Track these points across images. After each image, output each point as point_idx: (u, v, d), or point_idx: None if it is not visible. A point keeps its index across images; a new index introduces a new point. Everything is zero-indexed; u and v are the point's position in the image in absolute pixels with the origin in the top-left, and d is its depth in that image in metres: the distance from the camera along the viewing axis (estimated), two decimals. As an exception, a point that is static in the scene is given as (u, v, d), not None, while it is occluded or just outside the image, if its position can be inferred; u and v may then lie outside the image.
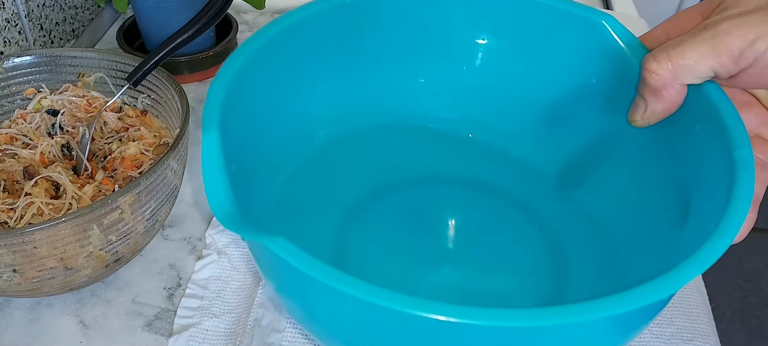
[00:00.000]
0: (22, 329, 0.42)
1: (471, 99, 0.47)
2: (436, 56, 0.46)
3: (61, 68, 0.50)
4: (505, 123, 0.47)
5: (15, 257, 0.36)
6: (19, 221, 0.40)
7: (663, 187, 0.37)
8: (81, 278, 0.40)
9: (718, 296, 1.40)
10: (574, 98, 0.43)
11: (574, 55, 0.42)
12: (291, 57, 0.42)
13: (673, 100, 0.33)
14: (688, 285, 0.45)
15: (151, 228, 0.43)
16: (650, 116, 0.35)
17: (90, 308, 0.43)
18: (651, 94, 0.34)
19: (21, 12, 0.58)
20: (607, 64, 0.40)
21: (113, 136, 0.48)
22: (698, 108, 0.34)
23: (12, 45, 0.57)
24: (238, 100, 0.37)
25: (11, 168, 0.44)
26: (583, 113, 0.43)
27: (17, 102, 0.50)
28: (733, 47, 0.30)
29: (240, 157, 0.36)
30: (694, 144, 0.35)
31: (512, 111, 0.46)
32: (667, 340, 0.41)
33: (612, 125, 0.41)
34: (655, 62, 0.32)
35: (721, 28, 0.30)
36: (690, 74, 0.32)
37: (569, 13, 0.41)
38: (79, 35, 0.68)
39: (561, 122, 0.45)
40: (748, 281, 1.43)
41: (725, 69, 0.31)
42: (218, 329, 0.41)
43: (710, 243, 0.27)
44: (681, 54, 0.31)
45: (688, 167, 0.35)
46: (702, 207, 0.32)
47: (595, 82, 0.41)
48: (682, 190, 0.35)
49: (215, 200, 0.31)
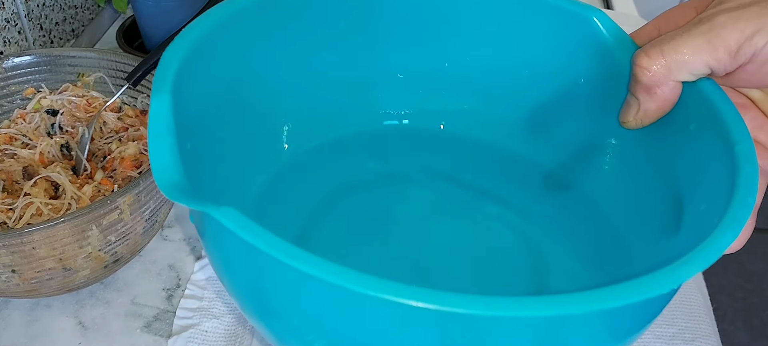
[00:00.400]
0: (21, 330, 0.42)
1: (452, 94, 0.45)
2: (415, 48, 0.43)
3: (60, 68, 0.50)
4: (489, 122, 0.45)
5: (14, 258, 0.36)
6: (18, 222, 0.40)
7: (655, 189, 0.36)
8: (80, 279, 0.40)
9: (719, 297, 1.39)
10: (560, 96, 0.42)
11: (561, 52, 0.40)
12: (262, 34, 0.39)
13: (667, 99, 0.32)
14: (690, 285, 0.45)
15: (151, 229, 0.43)
16: (643, 116, 0.33)
17: (89, 309, 0.43)
18: (643, 93, 0.32)
19: (21, 12, 0.58)
20: (597, 61, 0.38)
21: (113, 136, 0.48)
22: (693, 106, 0.32)
23: (12, 45, 0.57)
24: (197, 69, 0.34)
25: (10, 168, 0.44)
26: (571, 112, 0.41)
27: (17, 102, 0.50)
28: (730, 41, 0.28)
29: (197, 134, 0.33)
30: (688, 145, 0.33)
31: (496, 108, 0.44)
32: (669, 340, 0.41)
33: (601, 125, 0.39)
34: (647, 58, 0.31)
35: (717, 21, 0.28)
36: (684, 70, 0.30)
37: (556, 7, 0.39)
38: (79, 35, 0.68)
39: (547, 122, 0.43)
40: (749, 282, 1.43)
41: (722, 65, 0.29)
42: (217, 330, 0.41)
43: (716, 235, 0.25)
44: (675, 49, 0.30)
45: (682, 169, 0.34)
46: (698, 209, 0.31)
47: (584, 80, 0.40)
48: (675, 193, 0.34)
49: (160, 167, 0.27)
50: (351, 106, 0.44)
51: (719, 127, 0.30)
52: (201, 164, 0.32)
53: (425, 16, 0.42)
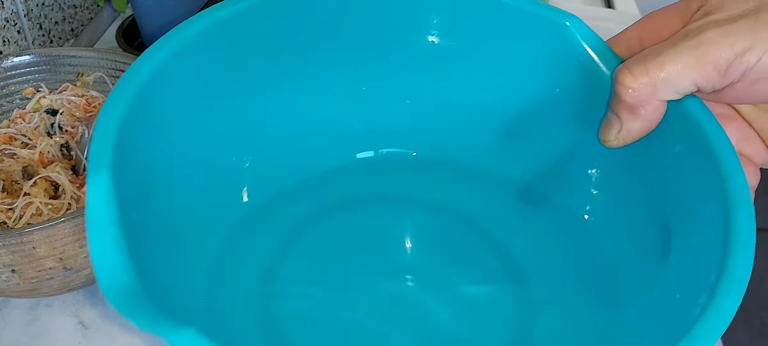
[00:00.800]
0: (21, 329, 0.42)
1: (422, 109, 0.41)
2: (382, 59, 0.39)
3: (60, 68, 0.50)
4: (461, 137, 0.41)
5: (14, 258, 0.36)
6: (18, 221, 0.40)
7: (641, 211, 0.33)
8: (80, 279, 0.40)
9: (719, 297, 1.40)
10: (536, 109, 0.38)
11: (534, 61, 0.37)
12: (206, 72, 0.34)
13: (652, 119, 0.29)
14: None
15: (151, 228, 0.42)
16: (626, 136, 0.31)
17: (89, 309, 0.43)
18: (626, 112, 0.29)
19: (20, 11, 0.58)
20: (573, 72, 0.35)
21: (113, 135, 0.48)
22: (678, 127, 0.30)
23: (11, 44, 0.57)
24: (137, 133, 0.29)
25: (10, 168, 0.44)
26: (547, 127, 0.38)
27: (16, 101, 0.50)
28: (720, 59, 0.26)
29: (143, 202, 0.29)
30: (674, 167, 0.31)
31: (470, 124, 0.40)
32: (671, 340, 0.41)
33: (581, 138, 0.36)
34: (630, 76, 0.28)
35: (705, 36, 0.26)
36: (670, 89, 0.28)
37: (528, 13, 0.36)
38: (79, 34, 0.68)
39: (523, 134, 0.40)
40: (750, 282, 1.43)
41: (710, 83, 0.27)
42: (218, 329, 0.41)
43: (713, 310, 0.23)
44: (660, 66, 0.27)
45: (668, 193, 0.31)
46: (687, 242, 0.29)
47: (559, 91, 0.37)
48: (662, 216, 0.32)
49: (104, 270, 0.22)
50: (314, 146, 0.40)
51: (707, 154, 0.28)
52: (151, 233, 0.29)
53: (392, 35, 0.38)
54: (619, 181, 0.35)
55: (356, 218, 0.40)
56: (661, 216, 0.31)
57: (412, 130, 0.41)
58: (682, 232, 0.29)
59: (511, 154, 0.40)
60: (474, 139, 0.40)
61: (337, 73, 0.39)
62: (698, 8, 0.28)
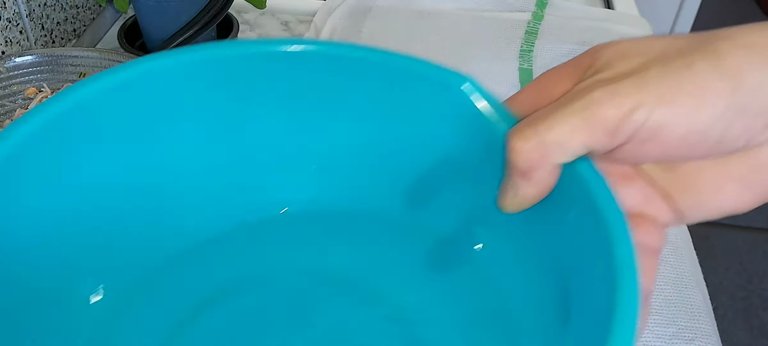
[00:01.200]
0: (23, 328, 0.42)
1: (317, 173, 0.38)
2: (275, 122, 0.36)
3: (62, 68, 0.51)
4: (359, 203, 0.39)
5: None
6: (19, 221, 0.40)
7: (544, 276, 0.32)
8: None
9: (719, 296, 1.40)
10: (435, 174, 0.37)
11: (430, 125, 0.35)
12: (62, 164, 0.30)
13: (545, 183, 0.28)
14: (689, 285, 0.45)
15: (152, 228, 0.43)
16: (522, 201, 0.29)
17: (91, 308, 0.43)
18: (520, 177, 0.28)
19: (22, 11, 0.58)
20: (469, 131, 0.34)
21: (114, 135, 0.48)
22: (570, 192, 0.29)
23: (13, 44, 0.58)
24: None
25: (12, 167, 0.44)
26: (448, 192, 0.37)
27: (18, 101, 0.50)
28: (608, 120, 0.25)
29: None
30: (569, 233, 0.30)
31: (372, 187, 0.38)
32: (669, 340, 0.41)
33: (480, 207, 0.35)
34: (520, 140, 0.27)
35: (593, 96, 0.25)
36: (561, 152, 0.27)
37: (422, 76, 0.34)
38: (81, 35, 0.69)
39: (426, 196, 0.38)
40: (750, 282, 1.43)
41: (600, 145, 0.26)
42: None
43: None
44: (549, 129, 0.26)
45: (566, 259, 0.30)
46: (586, 307, 0.28)
47: (459, 154, 0.35)
48: (563, 283, 0.31)
49: None
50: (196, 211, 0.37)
51: (597, 220, 0.27)
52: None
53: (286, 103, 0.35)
54: (522, 245, 0.34)
55: (236, 308, 0.36)
56: (563, 283, 0.30)
57: (309, 199, 0.39)
58: (581, 297, 0.29)
59: (415, 213, 0.38)
60: (374, 205, 0.38)
61: (220, 154, 0.36)
62: (589, 66, 0.27)
